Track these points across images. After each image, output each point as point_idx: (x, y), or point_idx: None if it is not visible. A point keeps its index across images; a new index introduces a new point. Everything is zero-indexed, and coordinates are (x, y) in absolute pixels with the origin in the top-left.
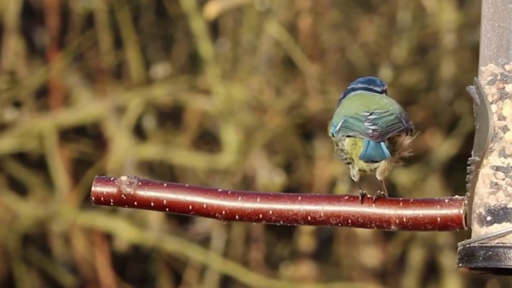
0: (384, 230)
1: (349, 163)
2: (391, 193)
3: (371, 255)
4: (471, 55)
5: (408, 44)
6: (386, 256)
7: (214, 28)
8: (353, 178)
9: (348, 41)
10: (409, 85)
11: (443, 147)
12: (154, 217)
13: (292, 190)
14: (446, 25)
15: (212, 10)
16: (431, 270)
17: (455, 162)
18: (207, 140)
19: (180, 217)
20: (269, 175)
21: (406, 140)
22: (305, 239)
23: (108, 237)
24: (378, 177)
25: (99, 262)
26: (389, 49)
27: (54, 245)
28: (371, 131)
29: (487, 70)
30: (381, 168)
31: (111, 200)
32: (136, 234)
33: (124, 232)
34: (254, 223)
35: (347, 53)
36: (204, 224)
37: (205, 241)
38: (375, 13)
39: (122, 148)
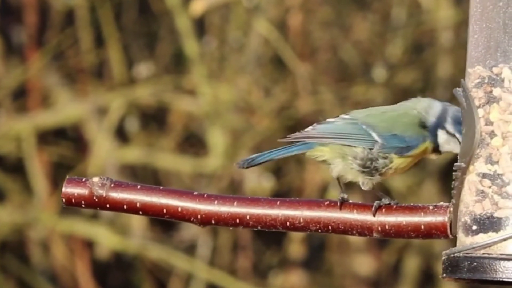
0: (374, 238)
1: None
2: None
3: (364, 263)
4: None
5: (403, 42)
6: (380, 264)
7: (200, 25)
8: (341, 191)
9: (340, 39)
10: (404, 85)
11: None
12: (137, 223)
13: (281, 195)
14: (443, 22)
15: (197, 6)
16: (427, 279)
17: (452, 166)
18: (193, 143)
19: (164, 223)
20: (257, 179)
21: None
22: (295, 246)
23: (88, 245)
24: (363, 187)
25: (79, 271)
26: (383, 47)
27: (32, 252)
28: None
29: (475, 72)
30: (336, 171)
31: (82, 202)
32: (118, 241)
33: (106, 239)
34: (239, 229)
35: (339, 51)
36: (189, 231)
37: (190, 249)
38: (369, 10)
39: (103, 151)
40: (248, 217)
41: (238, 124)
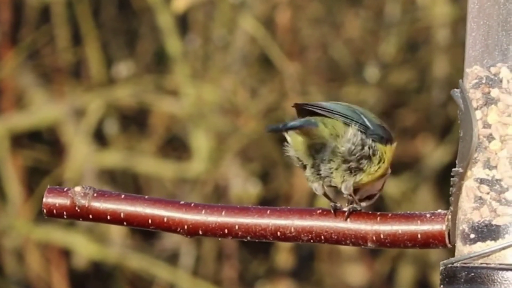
0: (368, 248)
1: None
2: (379, 205)
3: (356, 273)
4: None
5: (397, 40)
6: (373, 274)
7: (183, 22)
8: (316, 192)
9: (331, 37)
10: (398, 85)
11: (435, 154)
12: (116, 231)
13: (268, 201)
14: (439, 20)
15: (180, 3)
16: None
17: (449, 170)
18: (175, 146)
19: (145, 231)
20: (243, 185)
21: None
22: (283, 255)
23: (65, 254)
24: (344, 191)
25: (55, 281)
26: (376, 45)
27: (6, 261)
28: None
29: (472, 72)
30: (321, 156)
31: (64, 213)
32: (97, 250)
33: (83, 248)
34: (222, 239)
35: (329, 50)
36: (171, 239)
37: (172, 258)
38: (361, 6)
39: (81, 155)
40: (237, 227)
41: (223, 127)
